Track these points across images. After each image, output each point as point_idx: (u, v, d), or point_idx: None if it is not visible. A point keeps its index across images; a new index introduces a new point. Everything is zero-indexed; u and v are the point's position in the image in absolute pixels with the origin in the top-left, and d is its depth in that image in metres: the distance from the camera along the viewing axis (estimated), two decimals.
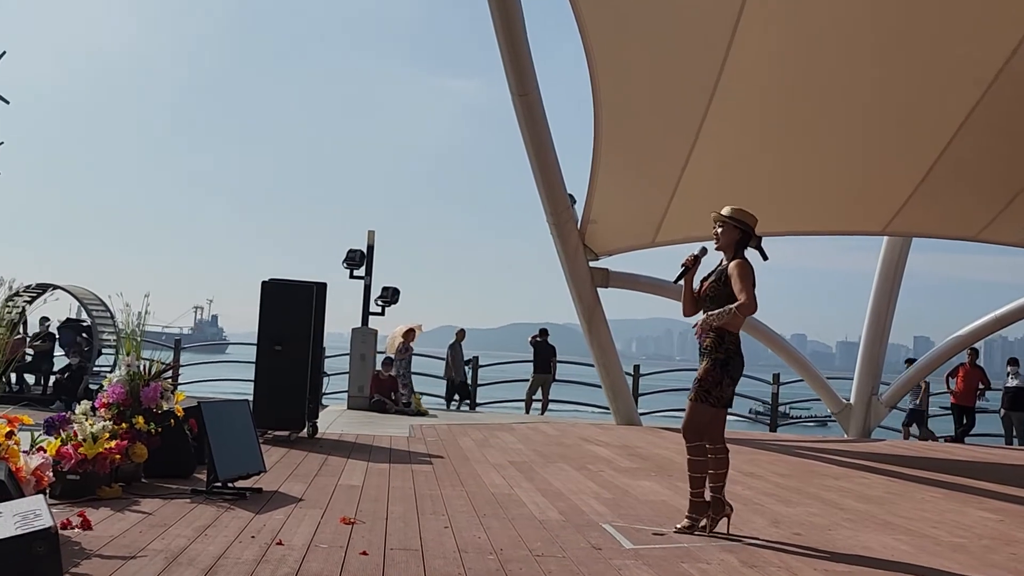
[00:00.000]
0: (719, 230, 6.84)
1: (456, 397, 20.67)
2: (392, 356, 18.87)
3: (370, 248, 19.04)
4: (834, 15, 12.92)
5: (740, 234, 6.77)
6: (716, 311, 6.67)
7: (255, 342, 12.46)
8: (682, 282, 6.95)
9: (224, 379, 23.50)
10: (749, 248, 6.84)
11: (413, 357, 19.79)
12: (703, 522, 6.82)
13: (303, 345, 11.98)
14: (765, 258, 6.98)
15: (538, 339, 20.88)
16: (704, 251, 6.94)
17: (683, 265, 6.91)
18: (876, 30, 13.00)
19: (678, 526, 6.89)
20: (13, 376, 18.31)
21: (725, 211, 6.85)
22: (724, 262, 6.81)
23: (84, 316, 18.82)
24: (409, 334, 19.66)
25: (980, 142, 14.03)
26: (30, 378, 18.83)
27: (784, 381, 22.03)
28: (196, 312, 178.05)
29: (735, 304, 6.61)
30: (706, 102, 13.96)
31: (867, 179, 15.41)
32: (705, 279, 6.88)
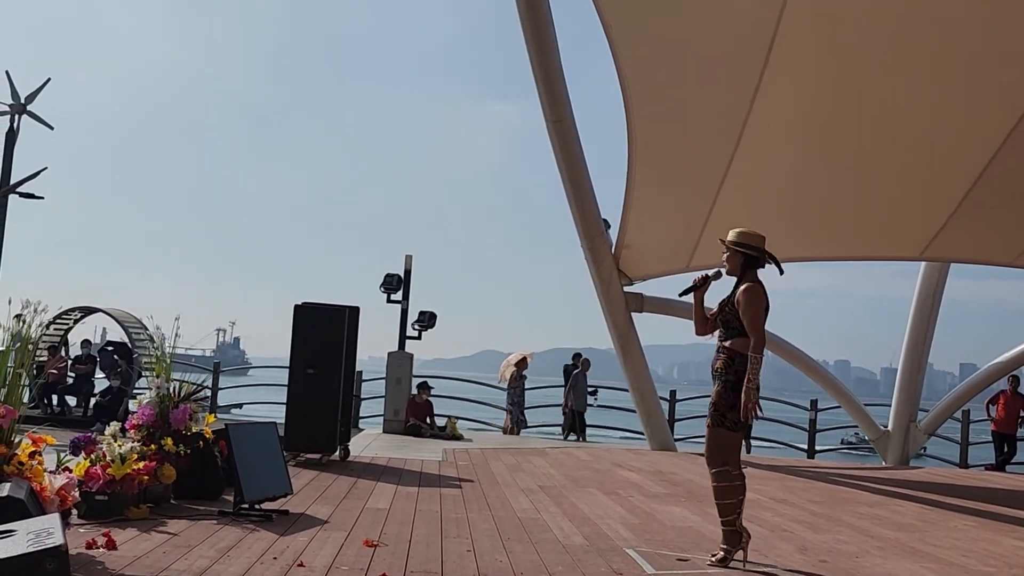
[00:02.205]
0: (726, 256, 6.79)
1: (573, 429, 20.33)
2: (504, 385, 19.80)
3: (407, 272, 19.16)
4: (869, 40, 12.89)
5: (745, 258, 6.71)
6: (748, 383, 6.46)
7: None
8: (689, 298, 6.93)
9: (249, 402, 23.84)
10: (765, 266, 6.78)
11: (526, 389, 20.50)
12: (738, 552, 6.63)
13: (335, 368, 12.04)
14: (781, 272, 6.88)
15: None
16: (718, 275, 6.89)
17: (693, 282, 6.92)
18: (912, 55, 12.95)
19: (713, 559, 6.66)
20: (55, 398, 18.59)
21: (730, 236, 6.79)
22: (736, 287, 6.74)
23: (119, 338, 19.03)
24: (522, 363, 19.95)
25: (1016, 167, 13.90)
26: (71, 400, 19.08)
27: (822, 407, 21.81)
28: (218, 334, 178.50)
29: (748, 352, 6.50)
30: (740, 126, 13.96)
31: (903, 205, 15.30)
32: (722, 302, 6.81)
